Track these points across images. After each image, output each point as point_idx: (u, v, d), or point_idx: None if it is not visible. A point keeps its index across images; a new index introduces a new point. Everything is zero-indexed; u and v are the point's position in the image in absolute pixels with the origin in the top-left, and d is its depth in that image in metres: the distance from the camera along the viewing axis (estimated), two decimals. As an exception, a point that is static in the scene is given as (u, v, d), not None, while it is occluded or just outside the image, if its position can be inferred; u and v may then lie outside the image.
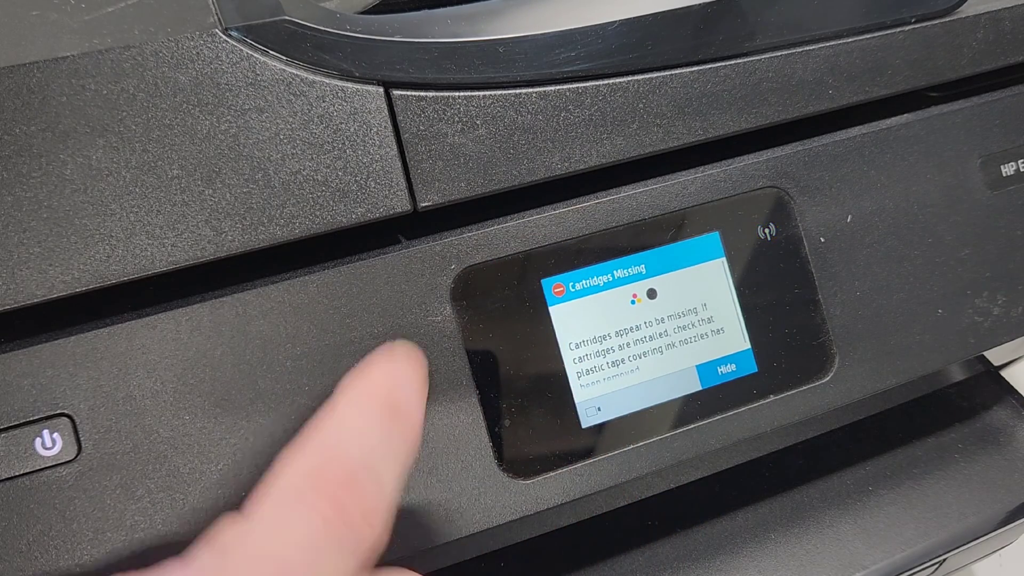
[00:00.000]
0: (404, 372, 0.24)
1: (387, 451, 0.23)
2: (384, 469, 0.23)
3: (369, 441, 0.23)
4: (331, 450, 0.22)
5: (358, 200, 0.27)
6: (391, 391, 0.24)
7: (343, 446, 0.22)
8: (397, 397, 0.24)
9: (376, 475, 0.22)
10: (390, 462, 0.23)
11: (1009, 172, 0.35)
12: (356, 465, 0.22)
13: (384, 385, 0.24)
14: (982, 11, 0.35)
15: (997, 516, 0.36)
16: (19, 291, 0.24)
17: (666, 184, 0.31)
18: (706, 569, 0.34)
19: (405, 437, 0.23)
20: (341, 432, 0.23)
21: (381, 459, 0.23)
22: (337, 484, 0.21)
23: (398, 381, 0.24)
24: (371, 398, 0.23)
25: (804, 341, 0.32)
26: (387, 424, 0.23)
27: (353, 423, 0.23)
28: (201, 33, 0.25)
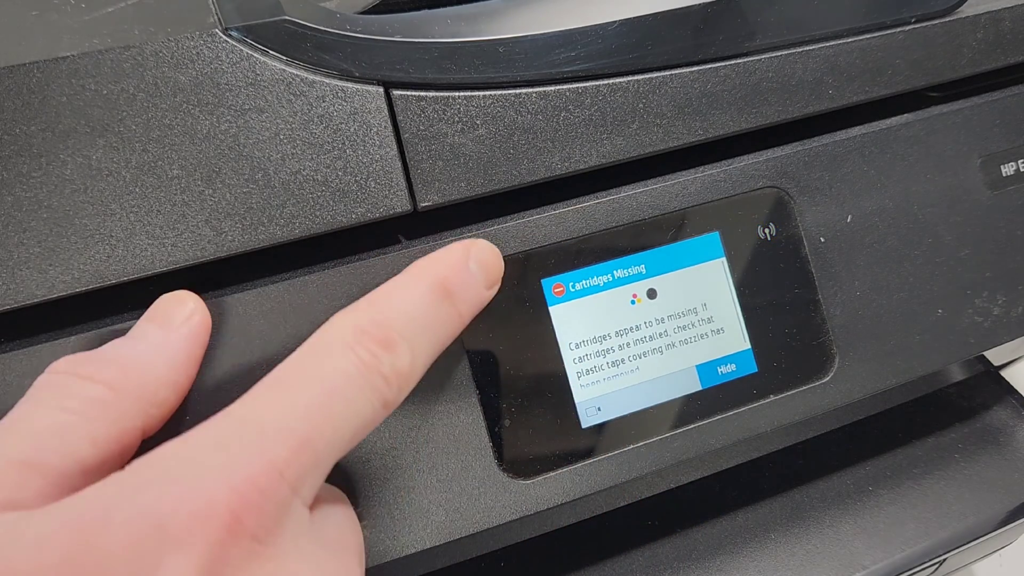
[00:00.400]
0: (470, 267, 0.26)
1: (427, 326, 0.24)
2: (420, 342, 0.24)
3: (413, 312, 0.24)
4: (379, 312, 0.24)
5: (358, 200, 0.27)
6: (450, 276, 0.25)
7: (390, 310, 0.24)
8: (453, 283, 0.25)
9: (411, 345, 0.24)
10: (427, 338, 0.24)
11: (1009, 172, 0.35)
12: (396, 330, 0.23)
13: (445, 269, 0.25)
14: (982, 11, 0.35)
15: (997, 516, 0.36)
16: (19, 291, 0.24)
17: (666, 184, 0.31)
18: (706, 569, 0.34)
19: (447, 321, 0.25)
20: (392, 297, 0.24)
21: (420, 332, 0.24)
22: (376, 341, 0.23)
23: (460, 271, 0.26)
24: (429, 276, 0.25)
25: (804, 341, 0.32)
26: (435, 302, 0.25)
27: (404, 292, 0.24)
28: (201, 33, 0.25)
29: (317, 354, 0.22)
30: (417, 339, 0.24)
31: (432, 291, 0.25)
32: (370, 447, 0.27)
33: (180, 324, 0.24)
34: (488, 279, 0.27)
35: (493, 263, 0.27)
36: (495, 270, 0.27)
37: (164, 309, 0.24)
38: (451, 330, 0.25)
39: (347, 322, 0.23)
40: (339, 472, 0.27)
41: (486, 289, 0.27)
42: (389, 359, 0.23)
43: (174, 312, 0.24)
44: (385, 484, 0.27)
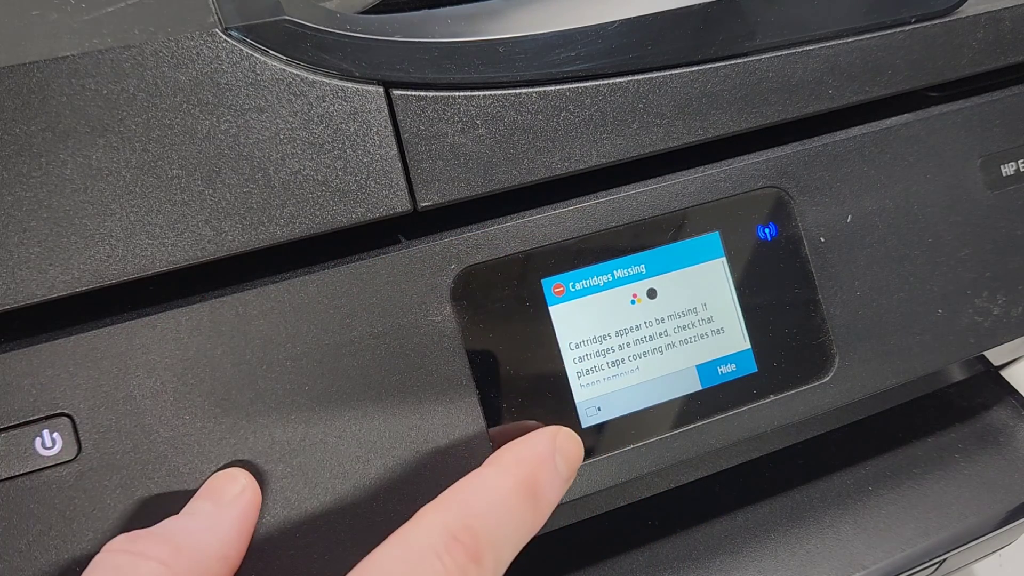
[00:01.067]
0: (556, 462, 0.25)
1: (512, 531, 0.24)
2: (504, 549, 0.24)
3: (501, 515, 0.24)
4: (470, 517, 0.23)
5: (358, 200, 0.27)
6: (537, 475, 0.25)
7: (479, 514, 0.23)
8: (540, 482, 0.25)
9: (498, 553, 0.23)
10: (511, 543, 0.24)
11: (1009, 172, 0.35)
12: (486, 539, 0.23)
13: (534, 467, 0.25)
14: (982, 11, 0.35)
15: (997, 516, 0.36)
16: (19, 291, 0.24)
17: (666, 184, 0.31)
18: (706, 569, 0.34)
19: (534, 522, 0.25)
20: (483, 501, 0.24)
21: (507, 538, 0.24)
22: (466, 552, 0.22)
23: (547, 468, 0.25)
24: (518, 474, 0.24)
25: (804, 341, 0.32)
26: (521, 504, 0.24)
27: (495, 496, 0.24)
28: (201, 33, 0.25)
29: (407, 557, 0.22)
30: (502, 546, 0.23)
31: (519, 492, 0.24)
32: (370, 447, 0.27)
33: (231, 501, 0.24)
34: (570, 472, 0.26)
35: (576, 456, 0.27)
36: (576, 463, 0.27)
37: (217, 486, 0.25)
38: (532, 531, 0.25)
39: (437, 523, 0.23)
40: (340, 472, 0.27)
41: (567, 484, 0.26)
42: (476, 572, 0.22)
43: (226, 489, 0.25)
44: (385, 484, 0.27)
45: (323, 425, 0.27)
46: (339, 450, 0.27)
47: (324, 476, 0.26)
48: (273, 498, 0.26)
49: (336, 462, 0.27)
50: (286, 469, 0.26)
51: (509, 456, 0.25)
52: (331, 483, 0.26)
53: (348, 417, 0.27)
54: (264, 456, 0.26)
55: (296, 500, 0.26)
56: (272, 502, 0.26)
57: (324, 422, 0.27)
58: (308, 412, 0.26)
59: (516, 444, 0.26)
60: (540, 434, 0.26)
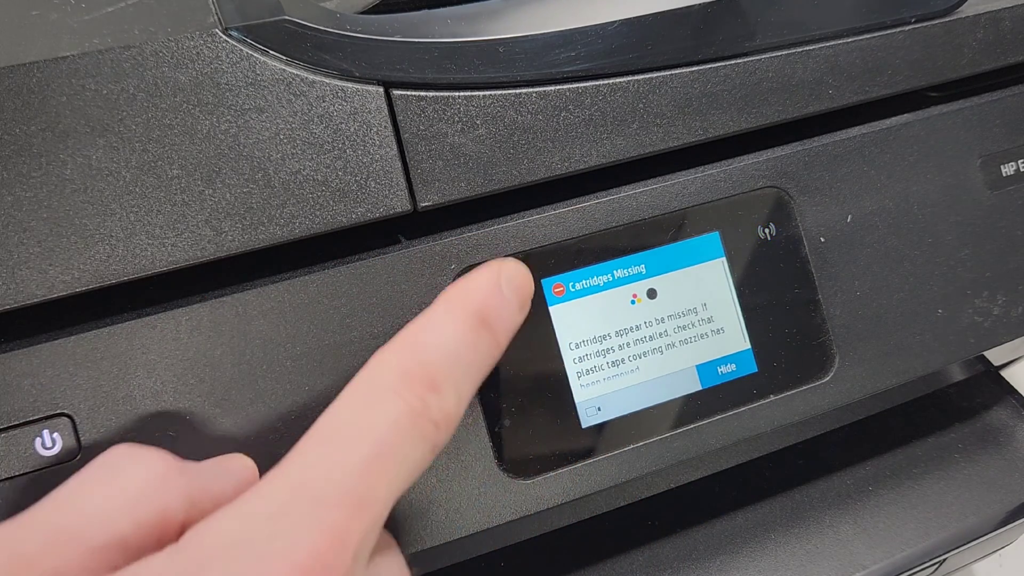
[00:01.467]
0: (503, 291, 0.26)
1: (469, 361, 0.24)
2: (463, 379, 0.24)
3: (454, 347, 0.24)
4: (421, 353, 0.23)
5: (358, 200, 0.27)
6: (485, 304, 0.25)
7: (432, 348, 0.23)
8: (489, 311, 0.25)
9: (456, 383, 0.23)
10: (469, 373, 0.24)
11: (1009, 172, 0.35)
12: (441, 371, 0.23)
13: (480, 297, 0.25)
14: (982, 11, 0.35)
15: (997, 516, 0.36)
16: (19, 291, 0.24)
17: (666, 184, 0.31)
18: (706, 569, 0.34)
19: (488, 351, 0.25)
20: (432, 336, 0.24)
21: (462, 368, 0.24)
22: (423, 384, 0.22)
23: (495, 297, 0.25)
24: (465, 307, 0.25)
25: (804, 341, 0.32)
26: (474, 334, 0.24)
27: (444, 329, 0.24)
28: (201, 33, 0.25)
29: (364, 402, 0.22)
30: (460, 375, 0.24)
31: (470, 323, 0.24)
32: (370, 447, 0.27)
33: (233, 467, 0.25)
34: (521, 301, 0.26)
35: (524, 283, 0.27)
36: (527, 290, 0.27)
37: (223, 457, 0.25)
38: (491, 360, 0.25)
39: (391, 363, 0.23)
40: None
41: (520, 312, 0.26)
42: (437, 402, 0.22)
43: (232, 460, 0.25)
44: (385, 484, 0.27)
45: (323, 425, 0.26)
46: (339, 450, 0.27)
47: (324, 476, 0.26)
48: (273, 498, 0.26)
49: (336, 462, 0.27)
50: (286, 469, 0.26)
51: (454, 291, 0.25)
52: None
53: (348, 417, 0.27)
54: (264, 456, 0.26)
55: (296, 500, 0.26)
56: (272, 502, 0.26)
57: (324, 422, 0.27)
58: (308, 412, 0.26)
59: (461, 280, 0.26)
60: (484, 267, 0.26)
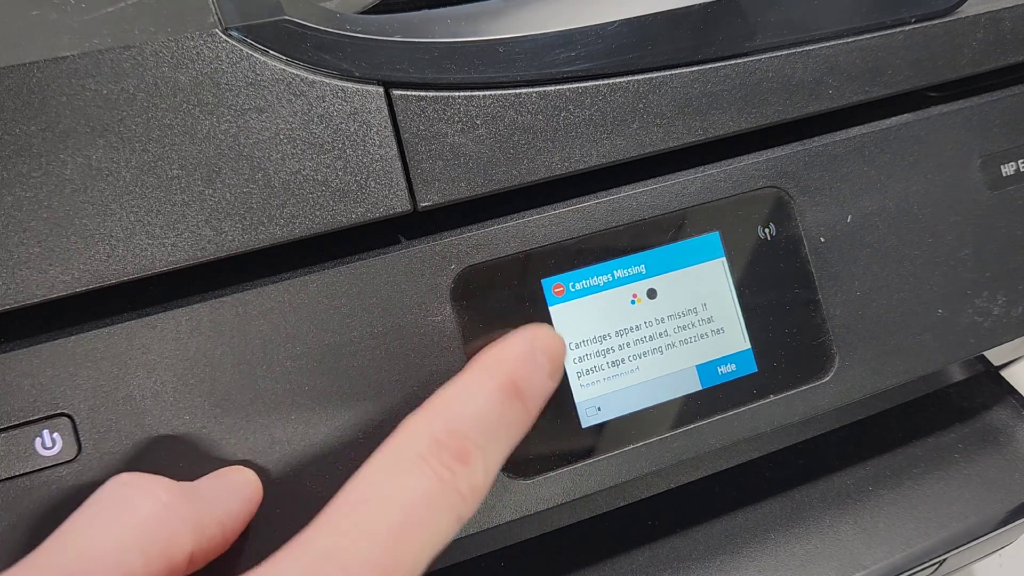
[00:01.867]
0: (536, 358, 0.25)
1: (499, 431, 0.24)
2: (492, 450, 0.23)
3: (486, 416, 0.23)
4: (452, 422, 0.23)
5: (358, 200, 0.27)
6: (518, 373, 0.25)
7: (463, 416, 0.23)
8: (522, 380, 0.25)
9: (485, 454, 0.23)
10: (499, 444, 0.24)
11: (1009, 172, 0.35)
12: (471, 441, 0.23)
13: (514, 365, 0.25)
14: (982, 11, 0.35)
15: (997, 516, 0.36)
16: (19, 291, 0.24)
17: (666, 184, 0.31)
18: (706, 569, 0.34)
19: (518, 422, 0.24)
20: (464, 405, 0.23)
21: (492, 438, 0.23)
22: (452, 455, 0.22)
23: (528, 365, 0.25)
24: (498, 375, 0.24)
25: (804, 341, 0.32)
26: (506, 404, 0.24)
27: (476, 397, 0.24)
28: (201, 33, 0.25)
29: (394, 470, 0.22)
30: (490, 446, 0.23)
31: (502, 391, 0.24)
32: (370, 447, 0.27)
33: (236, 483, 0.25)
34: (553, 369, 0.26)
35: (558, 351, 0.26)
36: (560, 357, 0.26)
37: (223, 471, 0.25)
38: (521, 430, 0.25)
39: (421, 430, 0.23)
40: (340, 472, 0.27)
41: (552, 381, 0.26)
42: (466, 474, 0.22)
43: (232, 474, 0.25)
44: (385, 484, 0.27)
45: (323, 425, 0.27)
46: (339, 450, 0.27)
47: (324, 476, 0.26)
48: (273, 498, 0.26)
49: (336, 462, 0.27)
50: (286, 469, 0.26)
51: (487, 358, 0.25)
52: (330, 483, 0.26)
53: (348, 417, 0.27)
54: (264, 456, 0.26)
55: (295, 500, 0.26)
56: (272, 502, 0.26)
57: (324, 422, 0.27)
58: (308, 412, 0.26)
59: (494, 346, 0.26)
60: (518, 333, 0.26)
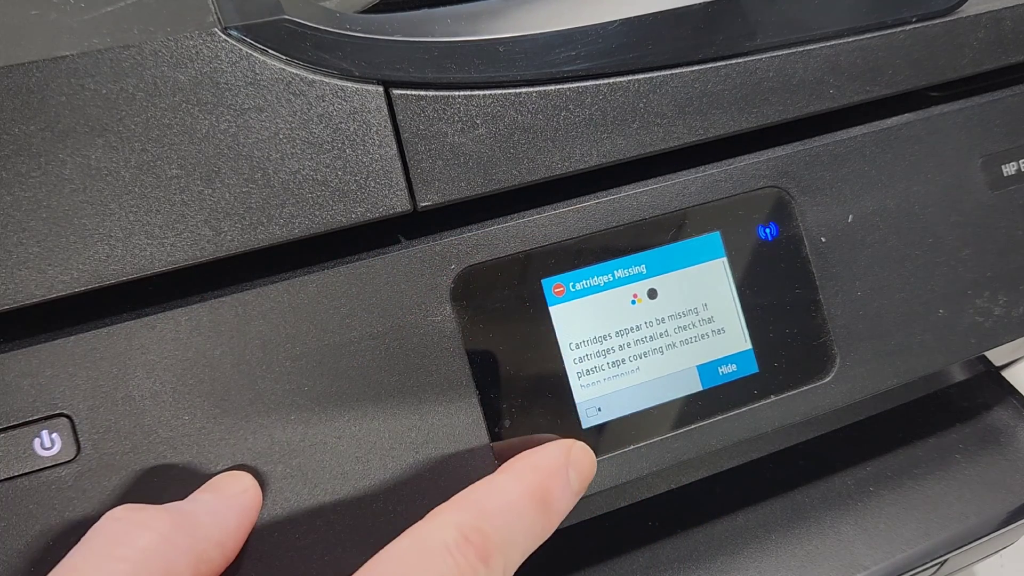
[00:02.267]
0: (569, 475, 0.26)
1: (522, 537, 0.24)
2: (512, 553, 0.24)
3: (513, 521, 0.24)
4: (483, 519, 0.24)
5: (358, 200, 0.27)
6: (550, 485, 0.25)
7: (492, 516, 0.24)
8: (552, 492, 0.25)
9: (507, 557, 0.24)
10: (519, 549, 0.24)
11: (1010, 172, 0.35)
12: (496, 541, 0.23)
13: (547, 477, 0.25)
14: (983, 11, 0.35)
15: (998, 517, 0.36)
16: (18, 291, 0.24)
17: (666, 184, 0.31)
18: (707, 570, 0.34)
19: (543, 530, 0.25)
20: (494, 504, 0.24)
21: (515, 543, 0.24)
22: (476, 552, 0.23)
23: (560, 480, 0.26)
24: (531, 482, 0.25)
25: (805, 341, 0.32)
26: (533, 512, 0.25)
27: (507, 499, 0.24)
28: (200, 32, 0.25)
29: (420, 554, 0.22)
30: (511, 551, 0.24)
31: (532, 500, 0.25)
32: (370, 447, 0.27)
33: (234, 496, 0.25)
34: (581, 487, 0.27)
35: (588, 471, 0.27)
36: (589, 476, 0.27)
37: (220, 482, 0.25)
38: (541, 539, 0.25)
39: (450, 522, 0.23)
40: (339, 473, 0.27)
41: (577, 497, 0.27)
42: (485, 574, 0.23)
43: (229, 485, 0.25)
44: (384, 485, 0.27)
45: (323, 426, 0.26)
46: (339, 451, 0.27)
47: (323, 477, 0.26)
48: (273, 499, 0.26)
49: (335, 463, 0.27)
50: (286, 470, 0.26)
51: (524, 464, 0.26)
52: (330, 484, 0.26)
53: (348, 418, 0.27)
54: (264, 457, 0.26)
55: (295, 501, 0.26)
56: (272, 503, 0.26)
57: (324, 423, 0.26)
58: (308, 413, 0.26)
59: (532, 453, 0.26)
60: (555, 446, 0.27)
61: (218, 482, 0.25)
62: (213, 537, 0.23)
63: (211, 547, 0.23)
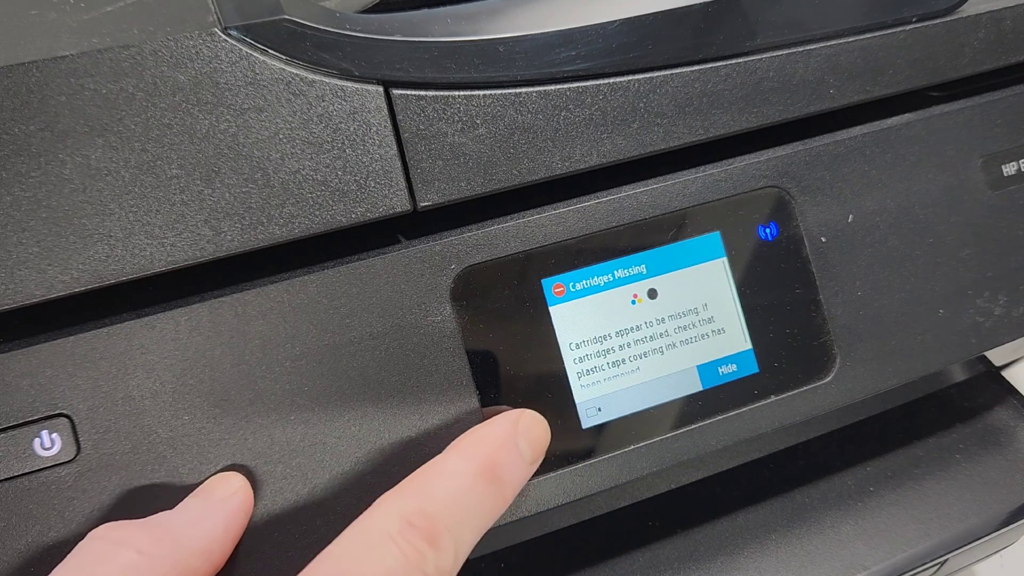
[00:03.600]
0: (519, 444, 0.25)
1: (472, 514, 0.24)
2: (464, 533, 0.23)
3: (460, 499, 0.24)
4: (427, 501, 0.23)
5: (358, 200, 0.27)
6: (498, 458, 0.25)
7: (437, 498, 0.23)
8: (502, 464, 0.25)
9: (455, 538, 0.23)
10: (471, 526, 0.24)
11: (1010, 172, 0.35)
12: (443, 523, 0.23)
13: (494, 450, 0.25)
14: (983, 11, 0.35)
15: (998, 517, 0.36)
16: (18, 291, 0.24)
17: (666, 184, 0.31)
18: (707, 570, 0.34)
19: (493, 506, 0.24)
20: (441, 485, 0.24)
21: (465, 521, 0.23)
22: (422, 536, 0.22)
23: (509, 451, 0.25)
24: (477, 458, 0.24)
25: (805, 341, 0.32)
26: (482, 488, 0.24)
27: (454, 480, 0.24)
28: (200, 32, 0.24)
29: (364, 546, 0.22)
30: (462, 529, 0.23)
31: (480, 475, 0.24)
32: (370, 447, 0.27)
33: (222, 499, 0.24)
34: (535, 455, 0.26)
35: (541, 437, 0.27)
36: (542, 444, 0.27)
37: (209, 486, 0.25)
38: (495, 514, 0.25)
39: (394, 510, 0.23)
40: (339, 472, 0.27)
41: (531, 466, 0.26)
42: (433, 556, 0.22)
43: (217, 488, 0.25)
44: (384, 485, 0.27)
45: (322, 426, 0.26)
46: (338, 450, 0.27)
47: (323, 476, 0.26)
48: (272, 498, 0.26)
49: (335, 462, 0.26)
50: (285, 470, 0.26)
51: (469, 440, 0.25)
52: (330, 484, 0.26)
53: (347, 418, 0.27)
54: (263, 456, 0.26)
55: (295, 500, 0.26)
56: (271, 502, 0.26)
57: (323, 423, 0.26)
58: (307, 413, 0.26)
59: (477, 428, 0.26)
60: (502, 417, 0.26)
61: (207, 485, 0.25)
62: (196, 547, 0.23)
63: (194, 557, 0.23)
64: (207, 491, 0.25)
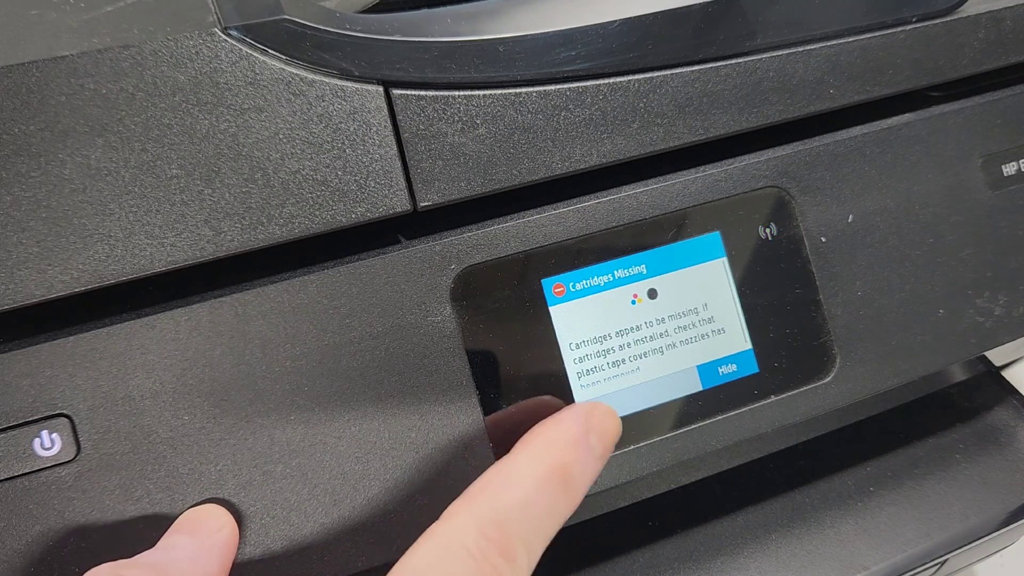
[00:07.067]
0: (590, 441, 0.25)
1: (546, 522, 0.23)
2: (536, 541, 0.23)
3: (533, 508, 0.23)
4: (500, 511, 0.23)
5: (358, 200, 0.27)
6: (570, 459, 0.24)
7: (511, 508, 0.23)
8: (573, 466, 0.24)
9: (530, 546, 0.23)
10: (544, 533, 0.23)
11: (1010, 172, 0.35)
12: (517, 534, 0.22)
13: (566, 451, 0.24)
14: (983, 10, 0.35)
15: (998, 517, 0.36)
16: (18, 291, 0.24)
17: (666, 184, 0.31)
18: (707, 570, 0.34)
19: (566, 508, 0.24)
20: (512, 494, 0.23)
21: (538, 530, 0.23)
22: (498, 551, 0.22)
23: (580, 450, 0.24)
24: (549, 460, 0.24)
25: (805, 341, 0.32)
26: (554, 493, 0.23)
27: (525, 485, 0.23)
28: (200, 32, 0.24)
29: (439, 559, 0.22)
30: (534, 537, 0.23)
31: (551, 480, 0.23)
32: (370, 447, 0.27)
33: (211, 535, 0.24)
34: (605, 450, 0.25)
35: (612, 431, 0.26)
36: (613, 438, 0.26)
37: (194, 520, 0.24)
38: (565, 516, 0.24)
39: (470, 522, 0.22)
40: (339, 473, 0.27)
41: (601, 463, 0.25)
42: (509, 570, 0.22)
43: (205, 523, 0.24)
44: (384, 485, 0.27)
45: (322, 426, 0.26)
46: (338, 451, 0.27)
47: (323, 477, 0.26)
48: (272, 499, 0.26)
49: (335, 463, 0.26)
50: (285, 470, 0.26)
51: (539, 441, 0.24)
52: (330, 484, 0.26)
53: (347, 418, 0.27)
54: (264, 457, 0.26)
55: (295, 501, 0.26)
56: (272, 503, 0.26)
57: (324, 423, 0.26)
58: (308, 413, 0.26)
59: (546, 426, 0.25)
60: (572, 412, 0.25)
61: (192, 520, 0.25)
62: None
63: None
64: (194, 527, 0.24)
